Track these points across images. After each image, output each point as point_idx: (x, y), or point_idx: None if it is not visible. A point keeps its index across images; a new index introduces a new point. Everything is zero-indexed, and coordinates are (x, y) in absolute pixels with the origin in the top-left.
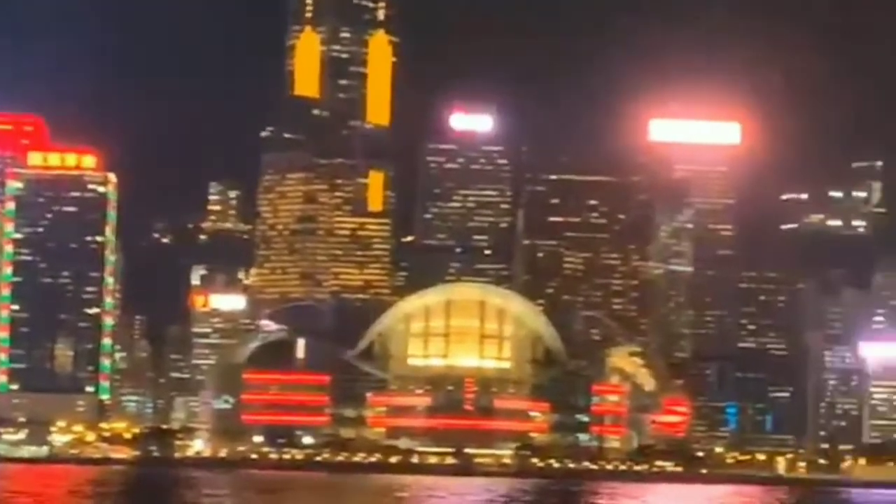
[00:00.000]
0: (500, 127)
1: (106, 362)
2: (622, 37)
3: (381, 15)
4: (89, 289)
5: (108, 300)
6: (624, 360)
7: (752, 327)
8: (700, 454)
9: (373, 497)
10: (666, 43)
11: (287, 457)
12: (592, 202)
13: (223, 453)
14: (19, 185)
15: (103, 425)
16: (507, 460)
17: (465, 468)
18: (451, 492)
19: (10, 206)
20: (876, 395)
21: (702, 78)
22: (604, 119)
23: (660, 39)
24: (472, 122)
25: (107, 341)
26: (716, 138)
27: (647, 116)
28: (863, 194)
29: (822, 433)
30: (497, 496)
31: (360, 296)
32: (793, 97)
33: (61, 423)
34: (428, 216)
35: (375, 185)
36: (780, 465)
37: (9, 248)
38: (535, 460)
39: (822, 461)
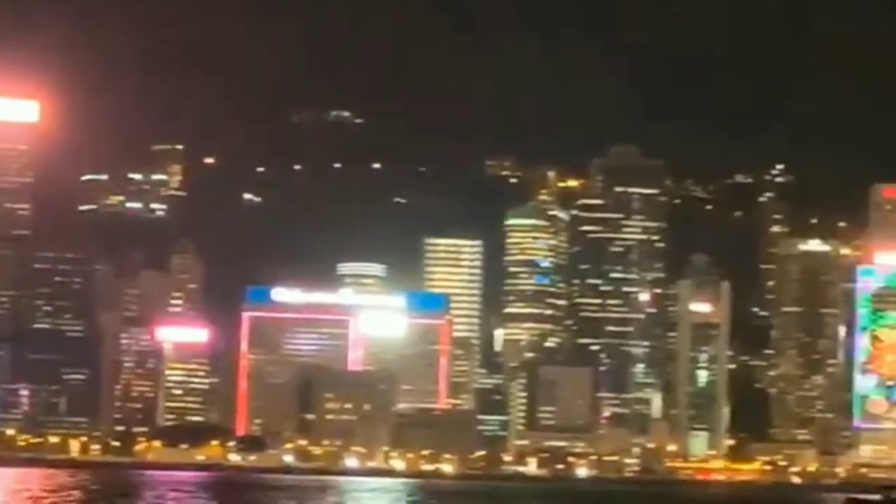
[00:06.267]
0: None
1: None
2: None
3: None
4: None
5: None
6: None
7: (47, 308)
8: None
9: None
10: None
11: None
12: None
13: None
14: None
15: None
16: None
17: None
18: None
19: None
20: (171, 378)
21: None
22: None
23: None
24: None
25: None
26: (13, 116)
27: None
28: (163, 177)
29: (118, 416)
30: None
31: None
32: (97, 78)
33: None
34: None
35: None
36: (74, 447)
37: None
38: None
39: (116, 444)
